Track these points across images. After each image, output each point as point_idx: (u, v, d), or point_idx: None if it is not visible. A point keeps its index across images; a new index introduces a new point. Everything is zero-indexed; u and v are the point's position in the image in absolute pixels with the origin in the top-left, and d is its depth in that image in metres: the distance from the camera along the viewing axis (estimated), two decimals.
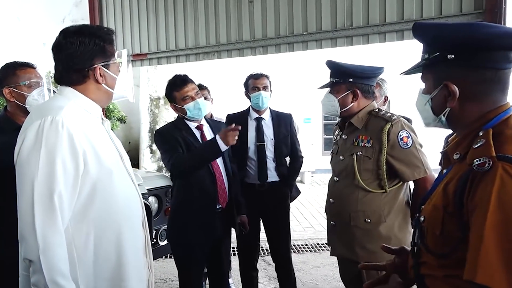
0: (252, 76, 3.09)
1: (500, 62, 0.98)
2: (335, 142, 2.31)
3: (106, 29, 1.50)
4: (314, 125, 10.96)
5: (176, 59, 5.97)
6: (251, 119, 3.08)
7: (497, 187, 0.86)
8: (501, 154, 0.89)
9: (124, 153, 1.56)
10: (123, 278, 1.44)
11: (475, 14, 4.02)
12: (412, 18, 4.30)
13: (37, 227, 1.25)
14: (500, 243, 0.83)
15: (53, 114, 1.31)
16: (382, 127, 2.04)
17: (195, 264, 2.48)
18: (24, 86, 2.11)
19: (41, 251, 1.24)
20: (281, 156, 3.08)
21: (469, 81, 1.01)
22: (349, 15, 4.67)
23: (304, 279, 3.98)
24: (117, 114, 6.76)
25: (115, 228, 1.43)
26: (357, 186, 2.07)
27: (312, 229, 5.86)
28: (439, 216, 1.01)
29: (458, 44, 1.00)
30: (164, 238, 3.42)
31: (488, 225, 0.84)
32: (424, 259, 1.09)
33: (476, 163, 0.91)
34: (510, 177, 0.86)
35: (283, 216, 3.13)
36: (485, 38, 0.97)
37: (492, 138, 0.94)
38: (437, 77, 1.06)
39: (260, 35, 5.23)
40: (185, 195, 2.43)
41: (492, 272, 0.82)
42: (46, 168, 1.28)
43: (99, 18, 6.37)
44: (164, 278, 4.00)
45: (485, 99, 1.01)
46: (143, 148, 8.07)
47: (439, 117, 1.08)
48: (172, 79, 2.49)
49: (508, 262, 0.82)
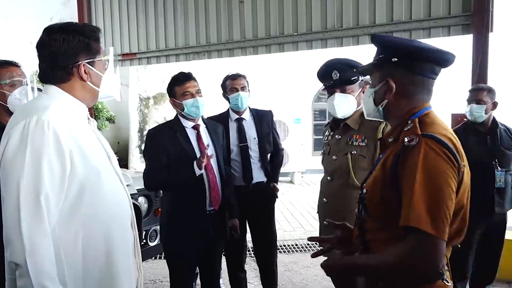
0: (229, 77, 3.06)
1: (427, 71, 1.28)
2: (326, 143, 2.31)
3: (91, 27, 1.48)
4: (304, 125, 10.97)
5: (166, 59, 5.94)
6: (231, 121, 3.04)
7: (422, 155, 1.13)
8: (424, 133, 1.19)
9: (111, 153, 1.54)
10: (113, 279, 1.42)
11: (464, 17, 4.08)
12: (401, 19, 4.34)
13: (23, 229, 1.21)
14: (425, 196, 1.10)
15: (39, 114, 1.29)
16: (376, 127, 2.06)
17: (187, 265, 2.46)
18: (6, 85, 2.06)
19: (28, 254, 1.20)
20: (265, 154, 3.07)
21: (404, 82, 1.30)
22: (339, 16, 4.70)
23: (294, 279, 3.99)
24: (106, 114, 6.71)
25: (104, 229, 1.41)
26: (352, 185, 2.08)
27: (302, 229, 5.87)
28: (378, 186, 1.26)
29: (400, 50, 1.30)
30: (154, 239, 3.40)
31: (416, 184, 1.11)
32: (368, 226, 1.33)
33: (406, 140, 1.19)
34: (430, 148, 1.14)
35: (268, 217, 3.12)
36: (416, 50, 1.27)
37: (418, 124, 1.24)
38: (382, 74, 1.34)
39: (250, 35, 5.24)
40: (176, 195, 2.42)
41: (420, 218, 1.08)
42: (32, 169, 1.25)
43: (87, 17, 6.31)
44: (154, 279, 3.97)
45: (414, 98, 1.31)
46: (132, 148, 8.02)
47: (378, 107, 1.36)
48: (176, 74, 2.48)
49: (430, 210, 1.09)
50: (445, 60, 1.31)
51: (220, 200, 2.45)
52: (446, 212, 1.11)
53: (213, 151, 2.45)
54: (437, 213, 1.10)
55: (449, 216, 1.11)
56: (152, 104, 8.16)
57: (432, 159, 1.14)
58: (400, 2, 4.34)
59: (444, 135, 1.20)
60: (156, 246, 3.43)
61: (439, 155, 1.14)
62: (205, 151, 2.31)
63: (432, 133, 1.19)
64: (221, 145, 2.59)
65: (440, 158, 1.14)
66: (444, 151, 1.15)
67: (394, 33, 4.36)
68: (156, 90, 8.15)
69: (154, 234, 3.40)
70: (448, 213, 1.11)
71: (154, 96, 8.16)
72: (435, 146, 1.15)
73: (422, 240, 1.09)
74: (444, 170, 1.14)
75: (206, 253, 2.50)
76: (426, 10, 4.26)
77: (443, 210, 1.10)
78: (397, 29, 4.37)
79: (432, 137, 1.17)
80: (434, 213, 1.09)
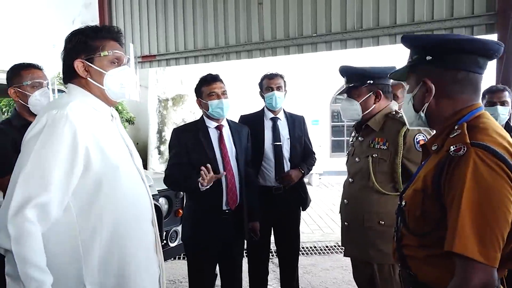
0: (266, 76, 3.08)
1: (470, 65, 1.14)
2: (351, 144, 2.31)
3: (94, 26, 1.50)
4: (322, 127, 10.92)
5: (185, 61, 5.98)
6: (266, 119, 3.06)
7: (472, 169, 0.99)
8: (474, 141, 1.04)
9: (134, 151, 1.56)
10: (132, 275, 1.43)
11: (487, 16, 3.99)
12: (423, 20, 4.27)
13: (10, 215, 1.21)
14: (474, 218, 0.97)
15: (59, 109, 1.33)
16: (398, 130, 2.04)
17: (205, 263, 2.50)
18: (27, 86, 2.18)
19: (14, 241, 1.20)
20: (296, 156, 3.04)
21: (444, 80, 1.16)
22: (359, 17, 4.65)
23: (313, 282, 3.96)
24: (125, 115, 6.79)
25: (123, 224, 1.42)
26: (372, 188, 2.07)
27: (320, 231, 5.83)
28: (419, 199, 1.14)
29: (432, 46, 1.17)
30: (174, 239, 3.42)
31: (464, 202, 0.98)
32: (406, 242, 1.21)
33: (453, 149, 1.05)
34: (481, 160, 1.00)
35: (295, 220, 3.09)
36: (451, 42, 1.15)
37: (466, 130, 1.09)
38: (418, 76, 1.22)
39: (269, 36, 5.23)
40: (195, 196, 2.46)
41: (466, 243, 0.97)
42: (37, 158, 1.27)
43: (108, 19, 6.41)
44: (173, 280, 4.00)
45: (458, 98, 1.16)
46: (151, 149, 8.09)
47: (419, 113, 1.23)
48: (205, 76, 2.55)
49: (479, 234, 0.97)
50: (489, 50, 1.15)
51: (237, 201, 2.47)
52: (498, 237, 0.98)
53: (233, 153, 2.49)
54: (488, 238, 0.97)
55: (502, 241, 0.98)
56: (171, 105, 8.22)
57: (483, 174, 0.99)
58: (422, 2, 4.26)
59: (499, 143, 1.04)
60: (177, 247, 3.45)
61: (492, 168, 0.99)
62: (226, 152, 2.38)
63: (484, 142, 1.03)
64: (244, 147, 2.62)
65: (493, 172, 0.99)
66: (498, 164, 1.00)
67: (415, 34, 4.29)
68: (175, 92, 8.21)
69: (175, 235, 3.42)
70: (502, 237, 0.98)
71: (173, 97, 8.22)
72: (487, 157, 1.00)
73: (470, 267, 0.97)
74: (498, 187, 0.98)
75: (224, 251, 2.52)
76: (448, 9, 4.18)
77: (494, 235, 0.97)
78: (418, 29, 4.30)
79: (483, 146, 1.02)
80: (483, 238, 0.97)
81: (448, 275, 1.04)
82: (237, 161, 2.50)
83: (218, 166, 2.43)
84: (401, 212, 1.24)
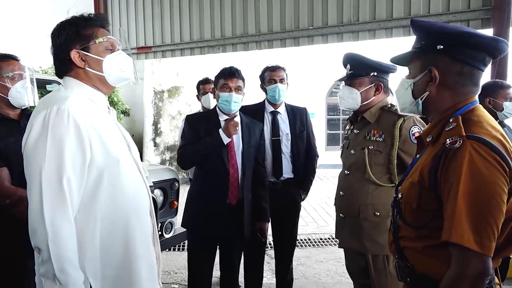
0: (268, 68, 3.01)
1: (478, 62, 1.16)
2: (346, 137, 2.32)
3: (85, 15, 1.49)
4: (318, 120, 10.93)
5: (181, 52, 5.96)
6: (266, 113, 3.00)
7: (467, 161, 1.01)
8: (469, 134, 1.06)
9: (132, 143, 1.56)
10: (132, 267, 1.44)
11: (484, 11, 4.00)
12: (419, 13, 4.28)
13: (46, 215, 1.24)
14: (470, 209, 1.00)
15: (59, 104, 1.32)
16: (394, 122, 2.06)
17: (204, 253, 2.52)
18: (7, 78, 2.10)
19: (50, 239, 1.23)
20: (298, 152, 3.00)
21: (450, 72, 1.17)
22: (355, 10, 4.65)
23: (307, 273, 3.99)
24: (121, 107, 6.75)
25: (123, 216, 1.43)
26: (368, 180, 2.09)
27: (315, 223, 5.86)
28: (415, 191, 1.15)
29: (448, 37, 1.16)
30: (169, 230, 3.43)
31: (460, 194, 1.01)
32: (403, 234, 1.23)
33: (448, 142, 1.07)
34: (477, 153, 1.02)
35: (293, 215, 3.09)
36: (469, 36, 1.14)
37: (461, 123, 1.11)
38: (425, 63, 1.21)
39: (265, 29, 5.22)
40: (198, 185, 2.53)
41: (463, 233, 0.99)
42: (53, 156, 1.27)
43: (103, 10, 6.36)
44: (168, 271, 4.01)
45: (459, 90, 1.18)
46: (146, 141, 8.07)
47: (417, 100, 1.24)
48: (225, 68, 2.55)
49: (475, 224, 1.00)
50: (498, 49, 1.17)
51: (238, 197, 2.47)
52: (493, 227, 1.00)
53: (240, 148, 2.48)
54: (483, 228, 1.00)
55: (497, 230, 1.01)
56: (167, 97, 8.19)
57: (478, 166, 1.01)
58: None
59: (494, 136, 1.07)
60: (172, 238, 3.46)
61: (487, 160, 1.02)
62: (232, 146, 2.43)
63: (479, 135, 1.06)
64: (255, 144, 2.59)
65: (488, 164, 1.02)
66: (493, 156, 1.02)
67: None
68: (171, 84, 8.18)
69: (170, 226, 3.42)
70: (496, 227, 1.01)
71: (169, 89, 8.19)
72: (482, 150, 1.03)
73: (466, 257, 1.00)
74: (493, 178, 1.01)
75: (223, 244, 2.55)
76: (444, 3, 4.19)
77: (489, 225, 1.00)
78: None
79: (479, 139, 1.05)
80: (479, 228, 1.00)
81: (445, 265, 1.06)
82: (242, 157, 2.49)
83: (224, 158, 2.43)
84: (397, 204, 1.26)
